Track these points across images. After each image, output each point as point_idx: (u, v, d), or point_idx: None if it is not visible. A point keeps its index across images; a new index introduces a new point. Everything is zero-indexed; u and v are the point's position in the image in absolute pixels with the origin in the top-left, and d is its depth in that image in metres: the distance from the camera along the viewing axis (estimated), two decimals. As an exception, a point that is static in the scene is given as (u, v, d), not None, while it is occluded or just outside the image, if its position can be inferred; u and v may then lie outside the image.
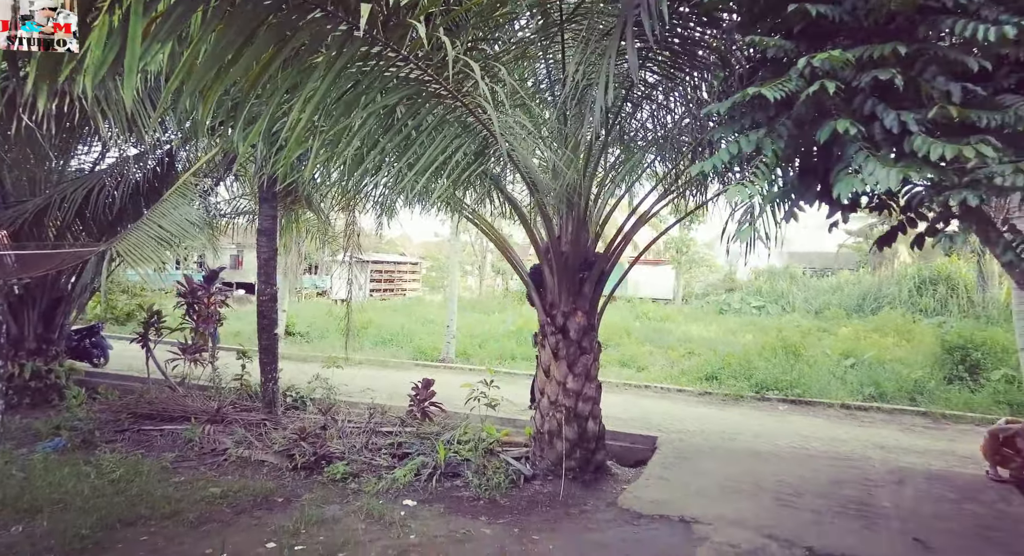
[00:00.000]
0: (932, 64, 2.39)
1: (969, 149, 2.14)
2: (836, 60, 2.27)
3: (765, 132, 2.47)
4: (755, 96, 2.33)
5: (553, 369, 5.78)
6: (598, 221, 5.80)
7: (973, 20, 2.24)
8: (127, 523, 4.34)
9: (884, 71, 2.28)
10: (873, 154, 2.29)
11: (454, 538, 4.35)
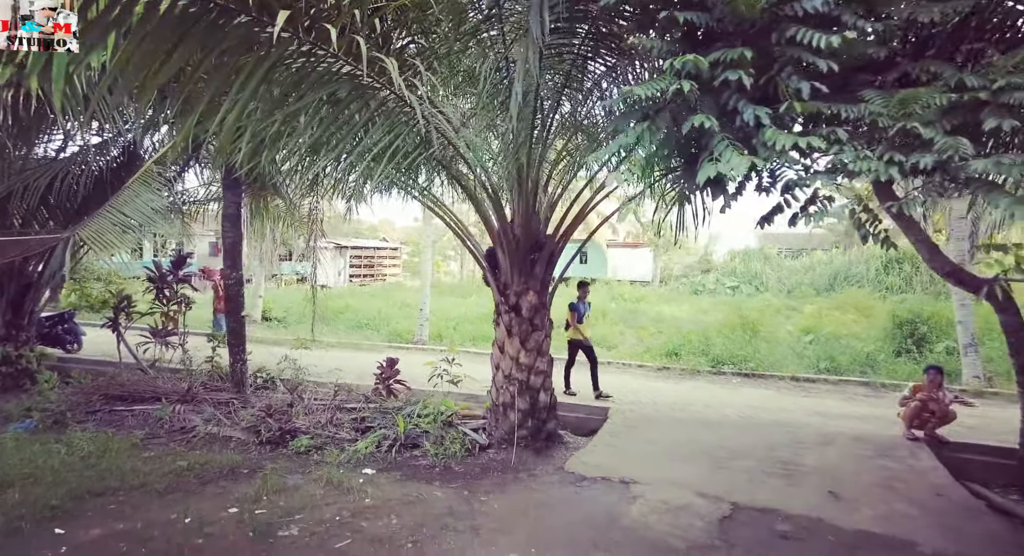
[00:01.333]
0: (788, 65, 2.69)
1: (815, 139, 2.45)
2: (693, 63, 2.56)
3: (647, 125, 2.77)
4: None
5: (507, 345, 6.11)
6: (547, 206, 6.08)
7: (813, 29, 2.54)
8: (96, 494, 4.60)
9: (733, 72, 2.57)
10: (732, 144, 2.59)
11: (406, 500, 4.68)
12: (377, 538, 4.04)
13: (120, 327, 8.12)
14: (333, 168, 4.67)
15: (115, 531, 4.02)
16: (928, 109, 2.54)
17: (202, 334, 9.73)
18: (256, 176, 7.59)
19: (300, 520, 4.27)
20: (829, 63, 2.57)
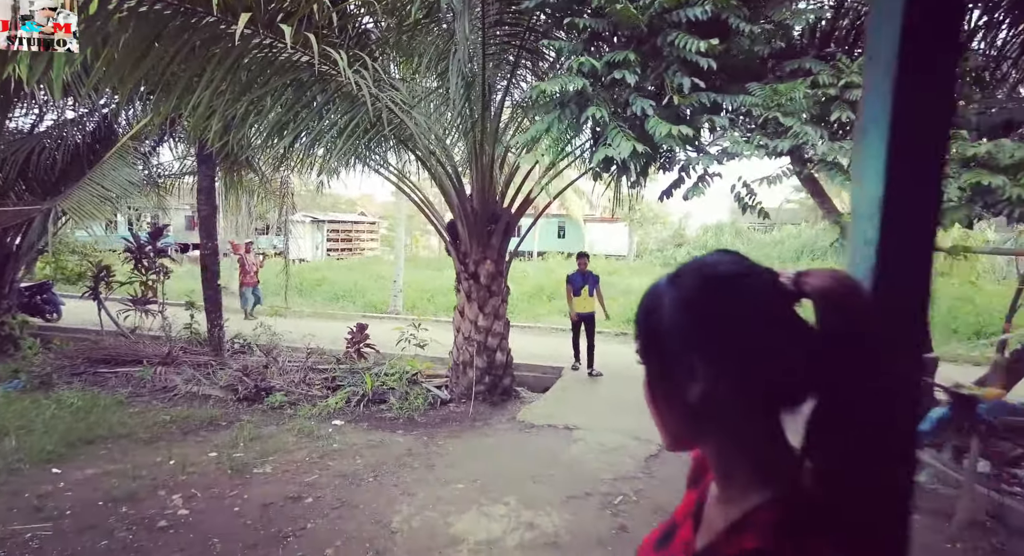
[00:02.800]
0: (674, 64, 3.17)
1: (685, 127, 2.97)
2: (589, 63, 3.04)
3: (557, 115, 3.25)
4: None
5: (466, 310, 6.64)
6: (503, 182, 6.54)
7: (699, 33, 3.02)
8: (87, 442, 5.07)
9: (619, 71, 3.05)
10: (623, 131, 3.09)
11: (370, 445, 5.25)
12: (342, 474, 4.60)
13: (100, 295, 8.45)
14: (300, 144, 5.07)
15: (107, 471, 4.51)
16: (792, 101, 3.05)
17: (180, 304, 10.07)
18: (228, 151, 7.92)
19: (273, 461, 4.81)
20: (709, 62, 3.05)
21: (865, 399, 0.57)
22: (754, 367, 0.60)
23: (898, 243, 0.58)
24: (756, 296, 0.60)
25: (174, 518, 3.79)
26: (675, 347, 0.63)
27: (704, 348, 0.61)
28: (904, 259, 0.59)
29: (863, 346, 0.57)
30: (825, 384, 0.58)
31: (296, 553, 3.43)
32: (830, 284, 0.58)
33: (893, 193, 0.58)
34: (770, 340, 0.60)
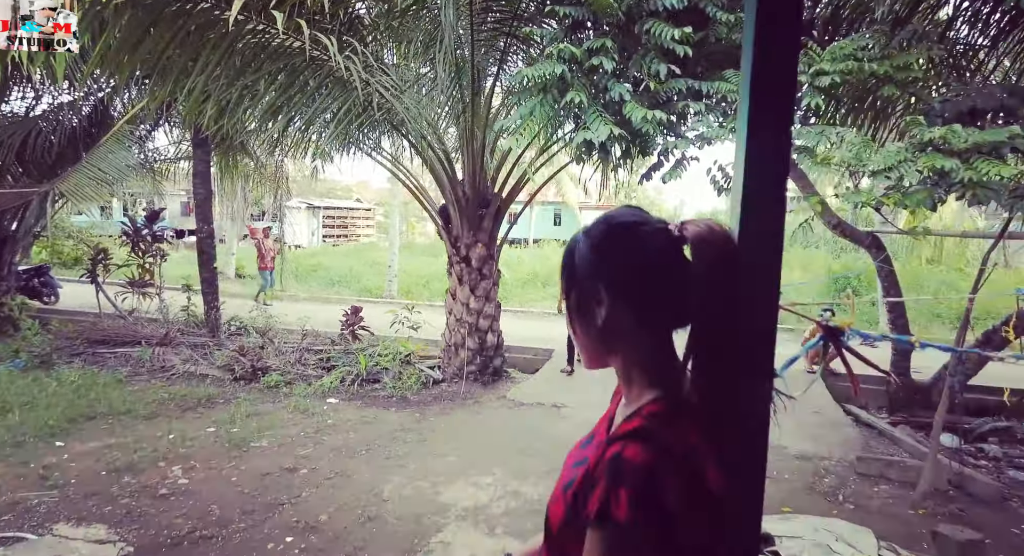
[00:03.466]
0: (652, 51, 3.29)
1: (660, 112, 3.10)
2: (566, 50, 3.16)
3: (539, 100, 3.37)
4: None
5: (458, 292, 6.79)
6: (494, 168, 6.66)
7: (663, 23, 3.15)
8: (88, 417, 5.23)
9: (596, 58, 3.18)
10: (602, 115, 3.23)
11: (364, 420, 5.43)
12: (336, 447, 4.78)
13: (98, 278, 8.57)
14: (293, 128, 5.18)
15: (108, 444, 4.67)
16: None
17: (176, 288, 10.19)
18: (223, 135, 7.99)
19: (269, 435, 4.98)
20: (685, 49, 3.18)
21: (730, 322, 0.73)
22: (646, 295, 0.76)
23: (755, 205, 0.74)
24: (649, 239, 0.76)
25: (174, 487, 3.97)
26: (587, 281, 0.79)
27: (608, 280, 0.77)
28: (760, 220, 0.75)
29: (728, 282, 0.72)
30: (701, 310, 0.74)
31: (292, 519, 3.61)
32: (705, 231, 0.73)
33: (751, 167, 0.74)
34: (659, 274, 0.76)
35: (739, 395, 0.73)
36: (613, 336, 0.79)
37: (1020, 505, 4.11)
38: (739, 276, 0.72)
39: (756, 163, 0.74)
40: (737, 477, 0.72)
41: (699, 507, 0.68)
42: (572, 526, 0.75)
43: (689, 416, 0.73)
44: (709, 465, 0.70)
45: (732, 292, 0.72)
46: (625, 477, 0.66)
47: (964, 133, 2.66)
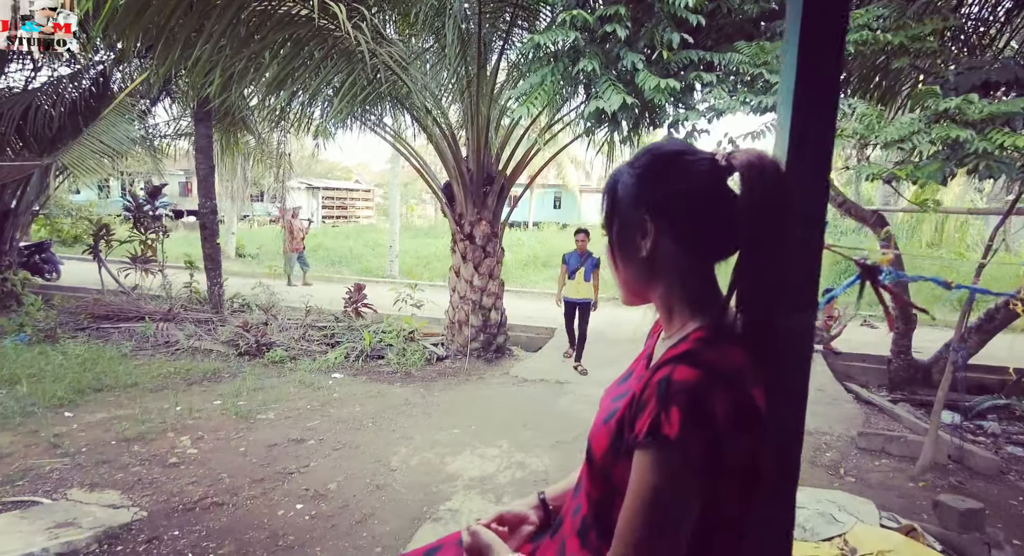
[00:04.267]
0: (665, 19, 3.25)
1: (673, 81, 3.07)
2: (579, 17, 3.12)
3: (550, 69, 3.34)
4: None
5: (462, 270, 6.80)
6: (498, 144, 6.62)
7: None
8: (95, 389, 5.26)
9: (609, 25, 3.14)
10: (614, 84, 3.20)
11: (369, 395, 5.47)
12: (342, 420, 4.82)
13: (100, 253, 8.55)
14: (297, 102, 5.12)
15: (116, 415, 4.71)
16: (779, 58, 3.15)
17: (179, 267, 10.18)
18: (226, 110, 7.92)
19: (276, 408, 5.02)
20: (699, 18, 3.14)
21: (777, 252, 0.73)
22: (693, 223, 0.77)
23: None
24: (695, 166, 0.76)
25: (184, 456, 4.01)
26: (631, 211, 0.80)
27: (654, 208, 0.77)
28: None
29: (777, 210, 0.73)
30: (748, 240, 0.75)
31: (301, 487, 3.65)
32: (755, 158, 0.73)
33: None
34: (705, 202, 0.76)
35: (783, 326, 0.74)
36: (656, 268, 0.80)
37: (1018, 478, 4.17)
38: (787, 204, 0.72)
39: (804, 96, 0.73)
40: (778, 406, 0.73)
41: (748, 426, 0.69)
42: (617, 452, 0.77)
43: (735, 342, 0.74)
44: (756, 388, 0.71)
45: (780, 221, 0.73)
46: (676, 396, 0.68)
47: (980, 104, 2.64)
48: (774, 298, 0.73)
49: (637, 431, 0.71)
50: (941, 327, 9.22)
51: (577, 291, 6.48)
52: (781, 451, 0.72)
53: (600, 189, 7.35)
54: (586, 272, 6.44)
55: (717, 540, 0.73)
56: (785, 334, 0.73)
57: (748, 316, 0.75)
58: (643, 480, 0.69)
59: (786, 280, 0.73)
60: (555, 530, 0.93)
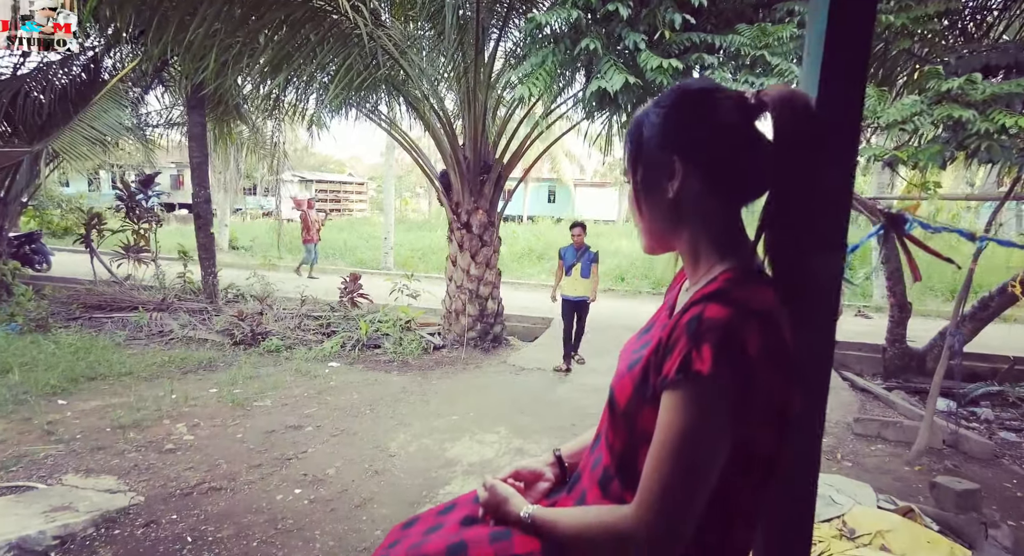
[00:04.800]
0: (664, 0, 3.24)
1: (675, 61, 3.06)
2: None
3: (551, 49, 3.31)
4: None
5: (459, 259, 6.77)
6: (496, 132, 6.58)
7: None
8: (89, 378, 5.21)
9: (611, 3, 3.12)
10: (616, 64, 3.18)
11: (367, 383, 5.44)
12: (340, 407, 4.80)
13: (92, 243, 8.45)
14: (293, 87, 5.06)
15: (111, 403, 4.66)
16: (780, 41, 3.15)
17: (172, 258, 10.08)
18: (220, 98, 7.83)
19: (272, 396, 4.99)
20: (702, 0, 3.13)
21: (808, 190, 0.72)
22: (722, 163, 0.75)
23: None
24: (724, 104, 0.75)
25: (180, 442, 3.97)
26: (657, 152, 0.78)
27: (682, 148, 0.76)
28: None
29: (807, 150, 0.71)
30: (779, 178, 0.73)
31: (299, 472, 3.63)
32: (787, 93, 0.72)
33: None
34: (735, 141, 0.74)
35: (813, 266, 0.73)
36: (683, 211, 0.78)
37: (1011, 462, 4.22)
38: (819, 139, 0.71)
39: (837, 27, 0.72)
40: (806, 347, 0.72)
41: (779, 364, 0.68)
42: (643, 398, 0.75)
43: (765, 283, 0.73)
44: (786, 326, 0.70)
45: (811, 157, 0.71)
46: (708, 333, 0.66)
47: (983, 85, 2.65)
48: (804, 237, 0.72)
49: (666, 372, 0.70)
50: (934, 317, 9.33)
51: (574, 288, 6.10)
52: (807, 392, 0.71)
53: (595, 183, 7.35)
54: (583, 268, 6.05)
55: (745, 483, 0.72)
56: (815, 274, 0.72)
57: (777, 257, 0.74)
58: (673, 420, 0.68)
59: (817, 219, 0.72)
60: (572, 485, 0.92)
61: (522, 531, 0.84)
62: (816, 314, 0.73)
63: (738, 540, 0.75)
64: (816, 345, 0.74)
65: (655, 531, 0.69)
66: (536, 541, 0.82)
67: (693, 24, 3.18)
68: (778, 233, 0.74)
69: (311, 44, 4.49)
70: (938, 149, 2.91)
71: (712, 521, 0.72)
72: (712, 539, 0.73)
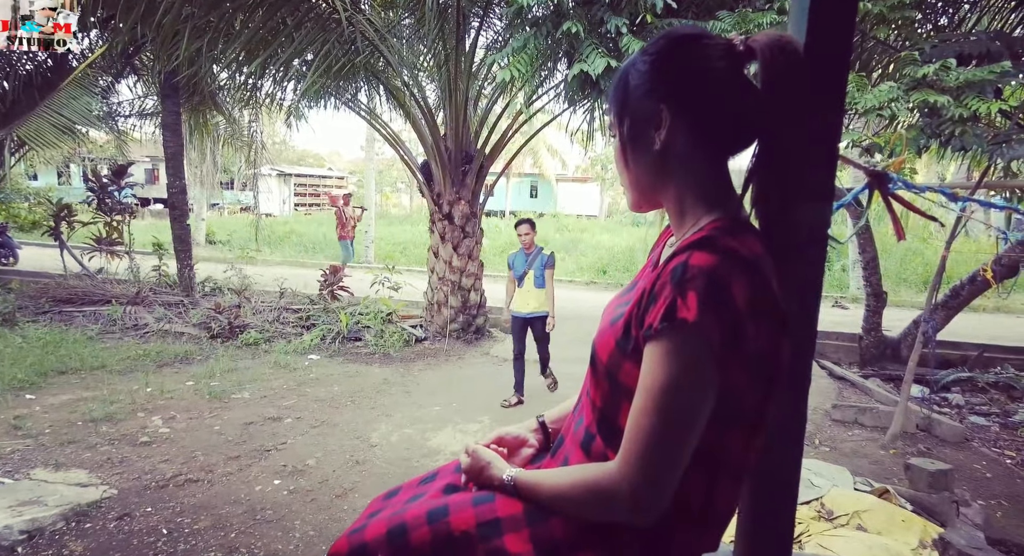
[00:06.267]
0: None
1: None
2: None
3: (532, 33, 3.29)
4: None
5: (441, 250, 6.72)
6: (478, 122, 6.53)
7: None
8: (59, 372, 5.06)
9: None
10: (597, 48, 3.17)
11: (347, 375, 5.38)
12: (320, 399, 4.73)
13: (62, 235, 8.21)
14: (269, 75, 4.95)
15: (82, 397, 4.53)
16: (760, 28, 3.17)
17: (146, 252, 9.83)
18: (194, 87, 7.65)
19: (251, 388, 4.90)
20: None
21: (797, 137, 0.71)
22: (711, 111, 0.73)
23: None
24: (712, 50, 0.73)
25: (155, 435, 3.88)
26: (644, 101, 0.76)
27: (669, 96, 0.74)
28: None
29: (796, 97, 0.70)
30: (768, 125, 0.72)
31: (279, 463, 3.57)
32: (775, 38, 0.70)
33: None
34: (724, 87, 0.73)
35: (801, 216, 0.72)
36: (669, 163, 0.77)
37: (980, 445, 4.33)
38: (807, 84, 0.70)
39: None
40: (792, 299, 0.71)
41: (766, 312, 0.66)
42: (624, 352, 0.74)
43: (753, 233, 0.72)
44: (773, 277, 0.68)
45: (800, 105, 0.70)
46: (693, 280, 0.65)
47: (957, 71, 2.69)
48: (792, 187, 0.71)
49: (650, 321, 0.68)
50: (908, 307, 9.54)
51: (526, 302, 4.82)
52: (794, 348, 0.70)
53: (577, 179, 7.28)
54: (536, 276, 4.78)
55: (732, 438, 0.71)
56: (802, 224, 0.71)
57: (764, 207, 0.73)
58: (656, 371, 0.66)
59: (805, 168, 0.71)
60: (555, 450, 0.91)
61: (505, 495, 0.83)
62: (803, 265, 0.73)
63: (723, 498, 0.74)
64: (803, 297, 0.73)
65: (638, 486, 0.67)
66: (519, 504, 0.80)
67: (675, 9, 3.19)
68: (765, 183, 0.73)
69: (288, 29, 4.39)
70: (915, 134, 2.95)
71: (697, 478, 0.70)
72: (697, 497, 0.72)
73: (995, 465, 3.97)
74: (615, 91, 0.81)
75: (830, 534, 2.83)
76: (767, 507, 0.77)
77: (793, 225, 0.70)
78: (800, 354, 0.74)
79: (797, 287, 0.70)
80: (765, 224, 0.71)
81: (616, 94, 0.81)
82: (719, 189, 0.76)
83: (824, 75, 0.71)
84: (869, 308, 6.11)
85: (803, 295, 0.73)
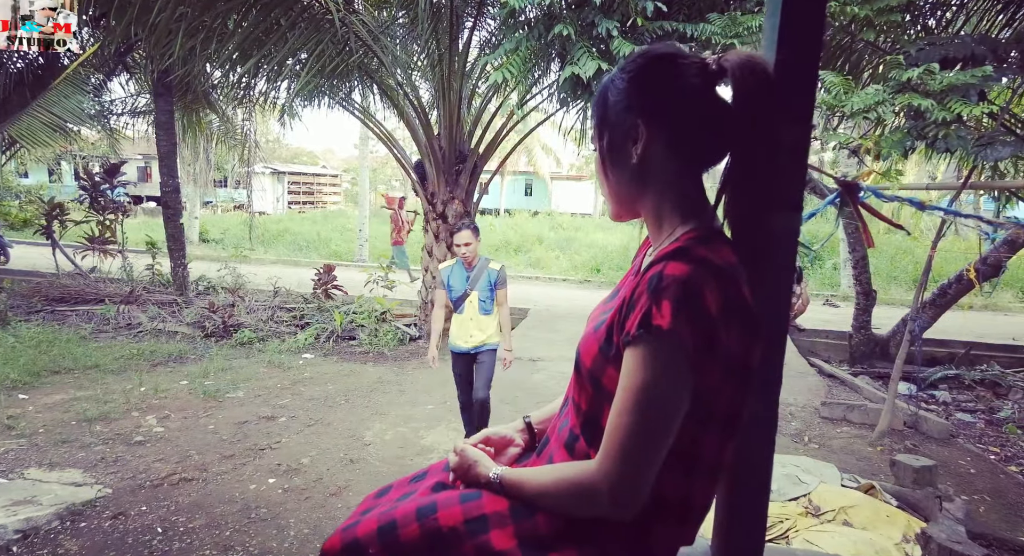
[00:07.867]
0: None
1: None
2: None
3: (525, 35, 3.32)
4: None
5: (434, 249, 6.74)
6: (471, 122, 6.55)
7: None
8: (53, 372, 5.06)
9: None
10: (588, 51, 3.20)
11: (341, 374, 5.40)
12: (314, 398, 4.75)
13: (54, 234, 8.18)
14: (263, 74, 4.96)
15: (76, 396, 4.54)
16: (749, 31, 3.21)
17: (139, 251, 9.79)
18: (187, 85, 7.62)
19: (245, 387, 4.92)
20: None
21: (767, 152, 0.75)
22: (685, 126, 0.77)
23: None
24: (687, 69, 0.77)
25: (150, 434, 3.90)
26: (623, 116, 0.80)
27: (646, 111, 0.78)
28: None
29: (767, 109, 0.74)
30: (739, 140, 0.76)
31: (273, 462, 3.60)
32: (746, 58, 0.74)
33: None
34: (698, 104, 0.77)
35: (771, 226, 0.75)
36: (647, 175, 0.80)
37: (965, 441, 4.40)
38: (776, 101, 0.73)
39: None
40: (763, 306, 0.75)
41: (740, 320, 0.70)
42: (607, 357, 0.77)
43: (725, 242, 0.75)
44: (745, 283, 0.72)
45: (769, 118, 0.74)
46: (667, 289, 0.68)
47: (940, 75, 2.74)
48: (763, 197, 0.75)
49: (628, 328, 0.72)
50: (898, 305, 9.64)
51: (468, 333, 3.68)
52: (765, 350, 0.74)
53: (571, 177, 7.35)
54: (482, 299, 3.62)
55: (706, 437, 0.74)
56: (772, 233, 0.75)
57: (736, 217, 0.77)
58: (634, 375, 0.70)
59: (775, 179, 0.74)
60: (541, 449, 0.94)
61: (492, 492, 0.86)
62: (773, 272, 0.76)
63: (700, 495, 0.78)
64: (773, 301, 0.76)
65: (617, 483, 0.71)
66: (505, 501, 0.84)
67: (666, 12, 3.23)
68: (737, 194, 0.77)
69: (281, 29, 4.40)
70: (901, 136, 3.00)
71: (673, 474, 0.74)
72: (674, 493, 0.76)
73: (979, 461, 4.05)
74: (595, 107, 0.84)
75: (817, 530, 2.88)
76: (741, 503, 0.81)
77: (764, 233, 0.74)
78: (771, 356, 0.78)
79: (768, 292, 0.74)
80: (737, 233, 0.75)
81: (596, 109, 0.84)
82: (694, 200, 0.80)
83: (794, 90, 0.75)
84: (859, 306, 6.18)
85: (774, 299, 0.76)
